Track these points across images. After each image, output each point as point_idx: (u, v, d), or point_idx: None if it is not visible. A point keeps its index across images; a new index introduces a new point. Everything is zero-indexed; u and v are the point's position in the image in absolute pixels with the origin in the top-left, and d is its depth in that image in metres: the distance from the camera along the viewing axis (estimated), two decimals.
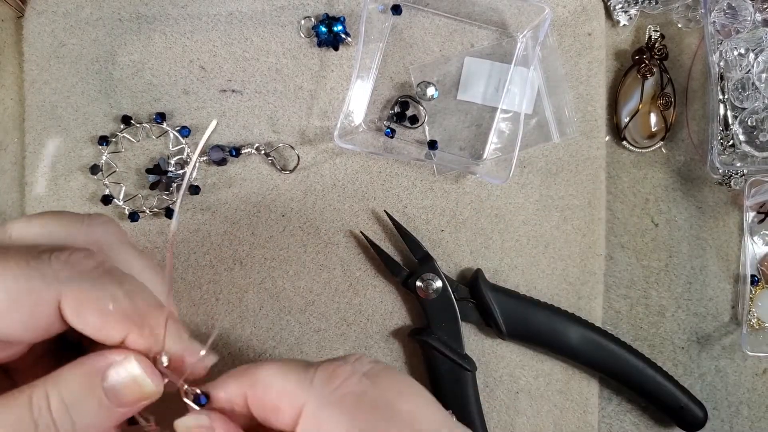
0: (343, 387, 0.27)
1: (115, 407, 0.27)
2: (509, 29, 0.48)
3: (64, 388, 0.26)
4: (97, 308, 0.27)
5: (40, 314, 0.27)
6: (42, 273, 0.26)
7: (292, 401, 0.27)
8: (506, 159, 0.47)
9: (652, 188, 0.51)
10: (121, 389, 0.27)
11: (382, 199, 0.48)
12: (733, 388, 0.50)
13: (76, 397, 0.26)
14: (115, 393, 0.27)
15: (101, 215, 0.31)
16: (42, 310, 0.27)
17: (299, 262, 0.47)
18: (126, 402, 0.27)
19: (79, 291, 0.27)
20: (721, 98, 0.48)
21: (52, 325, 0.27)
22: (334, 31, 0.47)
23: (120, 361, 0.27)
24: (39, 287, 0.26)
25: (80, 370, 0.27)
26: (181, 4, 0.47)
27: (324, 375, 0.27)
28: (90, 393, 0.27)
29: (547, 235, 0.49)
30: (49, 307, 0.27)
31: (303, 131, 0.48)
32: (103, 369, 0.27)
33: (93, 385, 0.27)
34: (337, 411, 0.26)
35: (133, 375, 0.27)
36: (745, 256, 0.50)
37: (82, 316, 0.27)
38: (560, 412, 0.48)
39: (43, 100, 0.47)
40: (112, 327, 0.27)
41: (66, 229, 0.29)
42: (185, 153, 0.47)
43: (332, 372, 0.27)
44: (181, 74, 0.47)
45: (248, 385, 0.28)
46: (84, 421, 0.26)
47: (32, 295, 0.26)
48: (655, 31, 0.49)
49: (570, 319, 0.47)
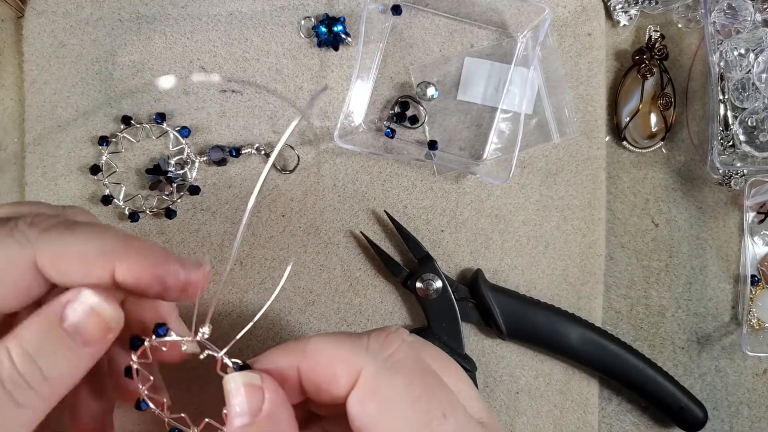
0: (398, 353, 0.27)
1: (81, 347, 0.26)
2: (509, 29, 0.48)
3: (24, 338, 0.25)
4: (74, 253, 0.26)
5: (19, 278, 0.26)
6: (12, 237, 0.26)
7: (348, 367, 0.27)
8: (506, 159, 0.47)
9: (652, 188, 0.51)
10: (82, 325, 0.26)
11: (382, 199, 0.48)
12: (733, 388, 0.50)
13: (38, 344, 0.25)
14: (77, 331, 0.26)
15: (75, 207, 0.31)
16: (19, 273, 0.26)
17: (299, 262, 0.47)
18: (91, 338, 0.26)
19: (52, 243, 0.26)
20: (721, 98, 0.48)
21: (32, 287, 0.27)
22: (334, 32, 0.47)
23: (74, 296, 0.26)
24: (12, 251, 0.26)
25: (37, 318, 0.26)
26: (181, 5, 0.47)
27: (378, 342, 0.27)
28: (51, 337, 0.26)
29: (547, 235, 0.49)
30: (25, 269, 0.26)
31: (303, 131, 0.48)
32: (59, 310, 0.26)
33: (52, 328, 0.26)
34: (395, 374, 0.26)
35: (90, 305, 0.26)
36: (745, 257, 0.50)
37: (61, 266, 0.26)
38: (560, 412, 0.48)
39: (43, 100, 0.47)
40: (95, 267, 0.26)
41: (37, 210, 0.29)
42: (185, 153, 0.47)
43: (385, 339, 0.28)
44: (181, 74, 0.47)
45: (300, 356, 0.28)
46: (54, 369, 0.25)
47: (7, 260, 0.26)
48: (655, 31, 0.49)
49: (570, 319, 0.47)
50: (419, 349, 0.29)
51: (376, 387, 0.26)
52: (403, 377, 0.26)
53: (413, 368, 0.27)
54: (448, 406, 0.26)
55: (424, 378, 0.27)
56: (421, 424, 0.25)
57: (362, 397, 0.26)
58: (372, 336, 0.28)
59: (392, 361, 0.27)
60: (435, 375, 0.28)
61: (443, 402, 0.26)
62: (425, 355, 0.29)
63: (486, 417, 0.29)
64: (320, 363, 0.27)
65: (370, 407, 0.26)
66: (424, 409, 0.26)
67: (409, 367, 0.27)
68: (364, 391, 0.26)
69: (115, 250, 0.26)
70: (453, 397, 0.27)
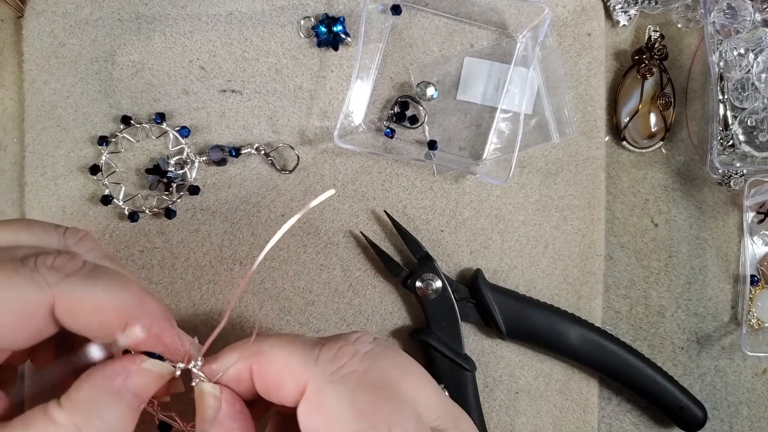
0: (347, 366, 0.27)
1: (140, 407, 0.28)
2: (509, 29, 0.48)
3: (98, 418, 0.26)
4: (91, 306, 0.27)
5: (33, 321, 0.27)
6: (33, 279, 0.26)
7: (296, 378, 0.27)
8: (506, 159, 0.47)
9: (651, 188, 0.51)
10: (147, 391, 0.28)
11: (381, 199, 0.48)
12: (732, 388, 0.50)
13: (108, 420, 0.27)
14: (139, 398, 0.28)
15: (79, 230, 0.31)
16: (35, 316, 0.27)
17: (299, 262, 0.47)
18: (148, 396, 0.28)
19: (72, 292, 0.27)
20: (720, 98, 0.48)
21: (45, 329, 0.27)
22: (333, 31, 0.47)
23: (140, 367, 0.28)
24: (31, 295, 0.26)
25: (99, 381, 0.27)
26: (181, 4, 0.47)
27: (328, 354, 0.28)
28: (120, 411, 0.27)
29: (546, 235, 0.49)
30: (42, 313, 0.27)
31: (303, 131, 0.48)
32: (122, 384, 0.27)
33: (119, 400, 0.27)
34: (339, 390, 0.26)
35: (159, 372, 0.28)
36: (744, 257, 0.50)
37: (77, 316, 0.27)
38: (560, 412, 0.48)
39: (42, 100, 0.47)
40: (110, 321, 0.27)
41: (38, 240, 0.29)
42: (185, 153, 0.47)
43: (336, 351, 0.28)
44: (181, 74, 0.47)
45: (253, 358, 0.28)
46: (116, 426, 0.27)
47: (25, 303, 0.26)
48: (655, 31, 0.49)
49: (570, 319, 0.47)
50: (377, 358, 0.29)
51: (320, 401, 0.26)
52: (348, 392, 0.26)
53: (360, 382, 0.27)
54: (395, 419, 0.26)
55: (370, 392, 0.27)
56: None
57: (308, 411, 0.27)
58: (324, 348, 0.28)
59: (339, 375, 0.27)
60: (385, 387, 0.28)
61: (389, 415, 0.26)
62: (384, 363, 0.29)
63: (445, 423, 0.29)
64: (270, 369, 0.28)
65: (316, 421, 0.26)
66: (368, 424, 0.26)
67: (355, 381, 0.27)
68: (309, 405, 0.27)
69: (130, 309, 0.28)
70: (404, 409, 0.27)
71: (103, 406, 0.26)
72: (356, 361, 0.28)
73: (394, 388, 0.28)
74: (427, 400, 0.29)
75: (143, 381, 0.28)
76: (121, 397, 0.27)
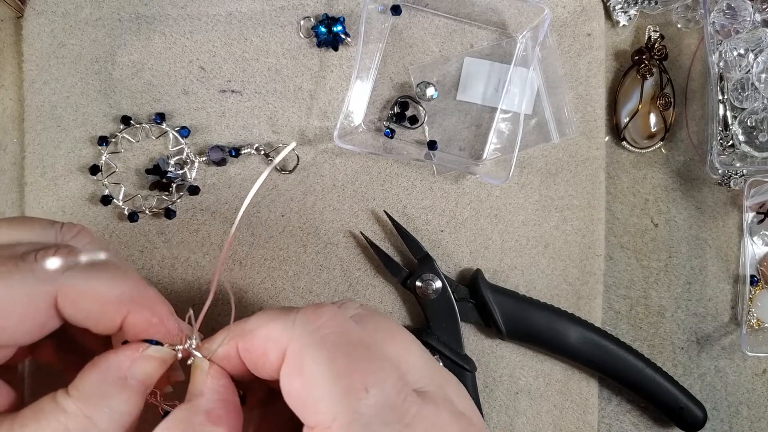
0: (325, 327, 0.27)
1: (144, 392, 0.28)
2: (509, 30, 0.48)
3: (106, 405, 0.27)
4: (93, 297, 0.28)
5: (37, 315, 0.27)
6: (34, 274, 0.27)
7: (276, 344, 0.27)
8: (506, 159, 0.47)
9: (651, 188, 0.51)
10: (151, 376, 0.28)
11: (381, 200, 0.48)
12: (732, 388, 0.50)
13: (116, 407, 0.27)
14: (145, 384, 0.28)
15: (75, 225, 0.31)
16: (39, 310, 0.27)
17: (299, 262, 0.47)
18: (153, 382, 0.29)
19: (74, 285, 0.27)
20: (720, 98, 0.48)
21: (48, 324, 0.28)
22: (333, 32, 0.47)
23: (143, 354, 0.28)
24: (34, 289, 0.27)
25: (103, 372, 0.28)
26: (181, 5, 0.47)
27: (305, 316, 0.27)
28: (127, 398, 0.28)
29: (546, 235, 0.49)
30: (45, 307, 0.27)
31: (303, 132, 0.48)
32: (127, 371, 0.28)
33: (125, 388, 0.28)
34: (317, 351, 0.26)
35: (161, 357, 0.29)
36: (744, 257, 0.50)
37: (80, 308, 0.28)
38: (560, 412, 0.48)
39: (42, 100, 0.47)
40: (112, 311, 0.28)
41: (36, 236, 0.30)
42: (185, 153, 0.47)
43: (314, 312, 0.28)
44: (181, 74, 0.47)
45: (238, 337, 0.28)
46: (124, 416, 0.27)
47: (29, 298, 0.27)
48: (655, 31, 0.49)
49: (569, 320, 0.47)
50: (361, 320, 0.29)
51: (299, 364, 0.26)
52: (326, 352, 0.26)
53: (338, 342, 0.27)
54: (374, 379, 0.26)
55: (349, 352, 0.27)
56: (341, 399, 0.25)
57: (288, 374, 0.26)
58: (302, 311, 0.28)
59: (318, 336, 0.27)
60: (366, 348, 0.27)
61: (367, 375, 0.26)
62: (369, 325, 0.29)
63: (430, 385, 0.28)
64: (254, 343, 0.28)
65: (295, 383, 0.26)
66: (345, 383, 0.26)
67: (334, 341, 0.27)
68: (289, 368, 0.26)
69: (131, 299, 0.28)
70: (384, 369, 0.27)
71: (110, 394, 0.27)
72: (337, 321, 0.27)
73: (377, 349, 0.28)
74: (412, 363, 0.29)
75: (147, 367, 0.28)
76: (127, 385, 0.27)
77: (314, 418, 0.26)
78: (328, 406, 0.25)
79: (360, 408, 0.25)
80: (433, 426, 0.26)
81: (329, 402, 0.25)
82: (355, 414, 0.25)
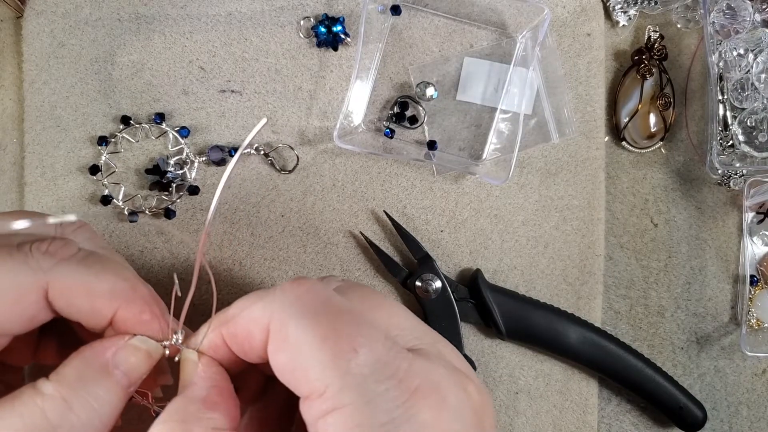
0: (306, 296, 0.27)
1: (129, 388, 0.28)
2: (508, 30, 0.48)
3: (85, 391, 0.26)
4: (85, 291, 0.28)
5: (28, 305, 0.27)
6: (27, 264, 0.27)
7: (259, 324, 0.27)
8: (505, 159, 0.47)
9: (651, 188, 0.51)
10: (135, 368, 0.28)
11: (381, 200, 0.48)
12: (732, 388, 0.50)
13: (95, 394, 0.27)
14: (128, 376, 0.28)
15: (75, 221, 0.31)
16: (29, 300, 0.27)
17: (299, 262, 0.47)
18: (138, 379, 0.28)
19: (66, 277, 0.27)
20: (720, 99, 0.48)
21: (39, 315, 0.28)
22: (333, 32, 0.47)
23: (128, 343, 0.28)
24: (25, 279, 0.27)
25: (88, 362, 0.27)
26: (180, 5, 0.47)
27: (284, 290, 0.27)
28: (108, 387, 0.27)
29: (546, 235, 0.49)
30: (36, 298, 0.27)
31: (302, 132, 0.48)
32: (110, 359, 0.28)
33: (104, 371, 0.27)
34: (300, 318, 0.26)
35: (147, 350, 0.28)
36: (744, 257, 0.50)
37: (70, 301, 0.27)
38: (559, 412, 0.48)
39: (42, 100, 0.47)
40: (102, 306, 0.28)
41: (36, 229, 0.30)
42: (184, 153, 0.47)
43: (292, 284, 0.27)
44: (181, 74, 0.47)
45: (222, 324, 0.28)
46: (106, 409, 0.27)
47: (19, 287, 0.27)
48: (655, 31, 0.49)
49: (569, 320, 0.47)
50: (343, 290, 0.29)
51: (283, 336, 0.26)
52: (308, 320, 0.26)
53: (320, 310, 0.26)
54: (362, 340, 0.26)
55: (332, 317, 0.26)
56: (330, 362, 0.25)
57: (275, 348, 0.26)
58: (280, 286, 0.28)
59: (297, 306, 0.26)
60: (348, 312, 0.27)
61: (355, 337, 0.26)
62: (352, 295, 0.29)
63: (421, 344, 0.28)
64: (237, 327, 0.28)
65: (282, 357, 0.26)
66: (332, 346, 0.25)
67: (316, 308, 0.26)
68: (275, 342, 0.26)
69: (123, 294, 0.28)
70: (371, 330, 0.26)
71: (90, 380, 0.27)
72: (317, 291, 0.27)
73: (362, 313, 0.27)
74: (402, 326, 0.28)
75: (131, 357, 0.28)
76: (110, 374, 0.27)
77: (307, 387, 0.25)
78: (319, 372, 0.25)
79: (351, 369, 0.25)
80: (428, 380, 0.26)
81: (319, 368, 0.25)
82: (347, 376, 0.25)
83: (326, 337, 0.25)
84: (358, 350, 0.25)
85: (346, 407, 0.24)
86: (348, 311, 0.27)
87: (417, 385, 0.25)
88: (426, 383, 0.26)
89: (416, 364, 0.26)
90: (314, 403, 0.25)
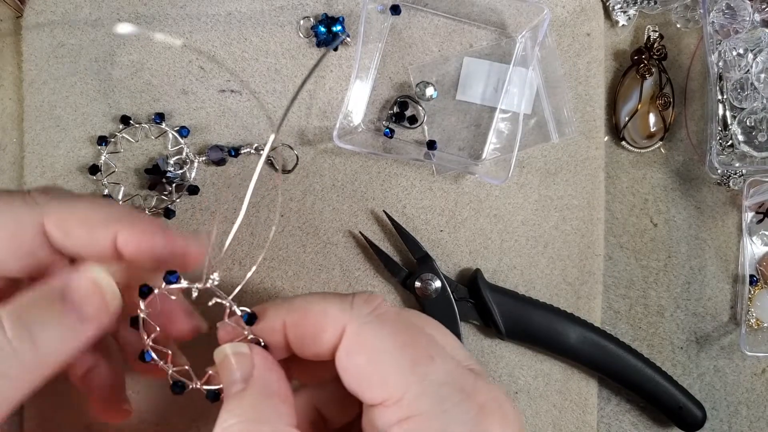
0: (380, 309, 0.28)
1: (77, 322, 0.27)
2: (508, 29, 0.48)
3: (21, 305, 0.26)
4: (80, 218, 0.28)
5: (25, 241, 0.27)
6: (23, 200, 0.27)
7: (334, 322, 0.27)
8: (505, 159, 0.47)
9: (650, 188, 0.51)
10: (82, 300, 0.27)
11: (381, 200, 0.48)
12: (731, 388, 0.50)
13: (34, 313, 0.26)
14: (75, 305, 0.27)
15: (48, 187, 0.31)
16: (26, 236, 0.27)
17: (298, 262, 0.47)
18: (87, 315, 0.27)
19: (60, 207, 0.27)
20: (719, 98, 0.48)
21: (37, 252, 0.28)
22: (333, 32, 0.47)
23: (77, 271, 0.27)
24: (22, 212, 0.27)
25: (38, 287, 0.27)
26: (180, 4, 0.47)
27: (361, 299, 0.28)
28: (49, 308, 0.26)
29: (546, 235, 0.49)
30: (33, 233, 0.27)
31: (302, 131, 0.48)
32: (61, 281, 0.27)
33: (51, 299, 0.26)
34: (378, 328, 0.27)
35: (95, 278, 0.27)
36: (743, 257, 0.50)
37: (67, 231, 0.27)
38: (559, 412, 0.48)
39: (41, 99, 0.47)
40: (100, 231, 0.28)
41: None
42: (184, 153, 0.47)
43: (368, 297, 0.29)
44: (180, 74, 0.47)
45: (288, 312, 0.28)
46: (45, 341, 0.26)
47: (16, 222, 0.27)
48: (654, 31, 0.50)
49: (569, 319, 0.47)
50: (402, 311, 0.30)
51: (362, 340, 0.27)
52: (388, 328, 0.27)
53: (396, 320, 0.28)
54: (435, 350, 0.27)
55: (408, 328, 0.28)
56: (409, 367, 0.26)
57: (350, 351, 0.27)
58: (356, 295, 0.29)
59: (375, 316, 0.28)
60: (419, 327, 0.28)
61: (430, 347, 0.27)
62: (410, 315, 0.30)
63: (476, 366, 0.29)
64: (307, 319, 0.28)
65: (358, 359, 0.27)
66: (411, 353, 0.26)
67: (392, 320, 0.28)
68: (351, 345, 0.27)
69: (118, 218, 0.28)
70: (439, 346, 0.28)
71: (36, 311, 0.26)
72: (387, 305, 0.29)
73: (428, 332, 0.29)
74: (455, 348, 0.29)
75: (83, 290, 0.27)
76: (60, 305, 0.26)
77: (382, 392, 0.26)
78: (398, 377, 0.26)
79: (430, 375, 0.26)
80: (493, 397, 0.27)
81: (398, 374, 0.26)
82: (425, 383, 0.26)
83: (405, 344, 0.27)
84: (435, 359, 0.26)
85: (423, 415, 0.25)
86: (418, 326, 0.29)
87: (483, 401, 0.27)
88: (491, 400, 0.27)
89: (479, 382, 0.27)
90: (389, 409, 0.26)
